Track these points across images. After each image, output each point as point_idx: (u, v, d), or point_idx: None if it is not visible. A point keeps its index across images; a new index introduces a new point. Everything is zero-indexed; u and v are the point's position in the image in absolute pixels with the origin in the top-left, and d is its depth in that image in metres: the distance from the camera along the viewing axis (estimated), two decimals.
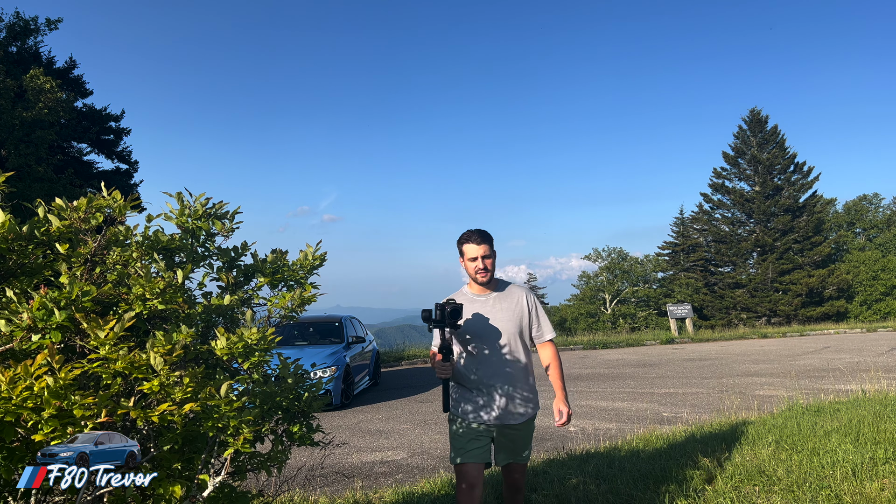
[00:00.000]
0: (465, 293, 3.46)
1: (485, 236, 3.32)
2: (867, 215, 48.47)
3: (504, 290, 3.44)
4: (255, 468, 2.44)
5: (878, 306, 37.70)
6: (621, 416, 8.89)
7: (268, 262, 2.54)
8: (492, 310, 3.36)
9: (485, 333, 3.31)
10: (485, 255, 3.31)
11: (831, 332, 26.62)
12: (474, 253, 3.31)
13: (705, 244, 42.93)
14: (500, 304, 3.37)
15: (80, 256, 2.16)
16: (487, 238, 3.34)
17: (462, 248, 3.37)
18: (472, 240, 3.32)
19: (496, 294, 3.41)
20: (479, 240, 3.30)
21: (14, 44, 25.43)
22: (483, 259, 3.31)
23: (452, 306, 3.10)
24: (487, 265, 3.33)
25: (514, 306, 3.38)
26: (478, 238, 3.31)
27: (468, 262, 3.35)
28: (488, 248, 3.32)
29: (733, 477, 4.90)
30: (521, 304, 3.41)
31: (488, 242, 3.33)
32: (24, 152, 22.25)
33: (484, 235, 3.32)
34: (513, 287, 3.50)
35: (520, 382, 3.34)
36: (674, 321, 26.84)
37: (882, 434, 5.98)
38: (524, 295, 3.45)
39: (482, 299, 3.39)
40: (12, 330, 1.82)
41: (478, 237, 3.31)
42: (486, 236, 3.34)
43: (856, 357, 15.59)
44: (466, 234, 3.35)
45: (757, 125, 40.60)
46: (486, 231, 3.37)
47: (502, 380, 3.29)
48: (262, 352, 2.13)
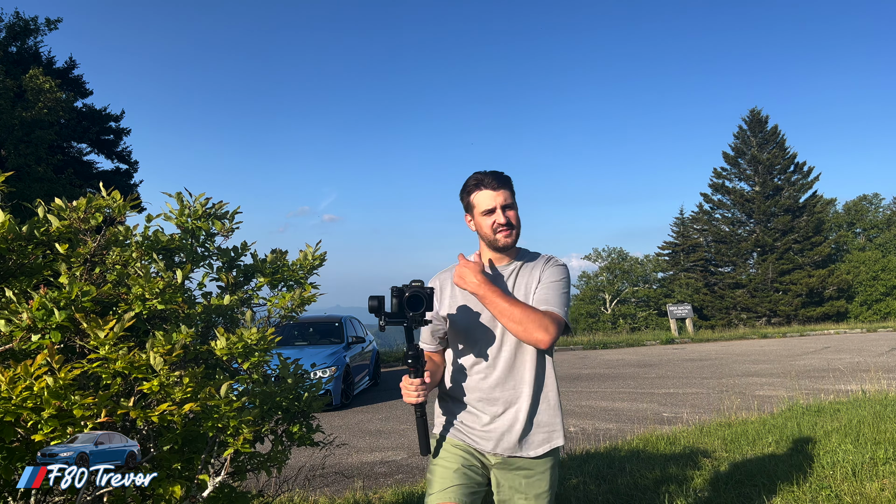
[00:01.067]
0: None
1: (503, 179, 2.32)
2: (867, 215, 48.48)
3: (526, 264, 2.38)
4: (254, 468, 2.44)
5: (879, 306, 37.71)
6: (621, 416, 8.89)
7: (268, 262, 2.54)
8: (514, 284, 2.35)
9: (490, 326, 2.31)
10: (505, 203, 2.29)
11: (831, 333, 26.62)
12: (490, 202, 2.27)
13: (705, 244, 42.94)
14: (517, 283, 2.35)
15: (80, 256, 2.16)
16: (506, 181, 2.33)
17: (472, 198, 2.33)
18: (485, 183, 2.30)
19: (519, 265, 2.36)
20: (496, 183, 2.29)
21: (14, 44, 25.45)
22: (504, 210, 2.28)
23: (414, 291, 2.12)
24: (511, 218, 2.29)
25: (533, 284, 2.34)
26: (493, 181, 2.30)
27: (481, 218, 2.31)
28: (510, 195, 2.31)
29: (733, 477, 4.90)
30: (534, 278, 2.34)
31: (508, 187, 2.32)
32: (23, 152, 22.26)
33: (501, 178, 2.32)
34: (539, 258, 2.41)
35: (537, 398, 2.34)
36: (674, 321, 26.85)
37: (882, 434, 5.98)
38: (545, 264, 2.37)
39: (498, 274, 2.36)
40: (12, 330, 1.82)
41: (493, 180, 2.30)
42: (505, 179, 2.34)
43: (856, 357, 15.58)
44: (477, 177, 2.33)
45: (757, 125, 40.61)
46: (503, 173, 2.36)
47: (513, 392, 2.31)
48: (262, 352, 2.13)
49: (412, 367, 2.14)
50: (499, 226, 2.28)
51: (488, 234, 2.30)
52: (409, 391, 2.17)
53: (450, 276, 2.39)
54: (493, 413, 2.30)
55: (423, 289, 2.15)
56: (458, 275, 2.22)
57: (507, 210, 2.30)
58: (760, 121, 40.59)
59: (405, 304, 2.10)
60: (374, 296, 2.11)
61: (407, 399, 2.18)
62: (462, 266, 2.24)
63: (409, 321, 2.10)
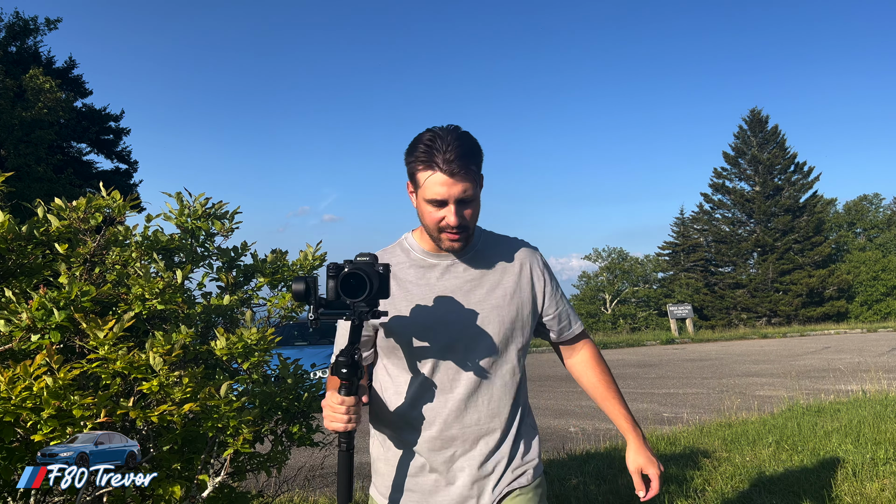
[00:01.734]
0: (411, 251, 1.80)
1: (465, 161, 1.60)
2: (867, 215, 48.48)
3: (488, 249, 1.82)
4: (254, 469, 2.44)
5: (879, 307, 37.69)
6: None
7: (267, 262, 2.53)
8: (463, 285, 1.75)
9: (446, 333, 1.71)
10: (462, 196, 1.63)
11: (832, 333, 26.61)
12: (441, 191, 1.61)
13: (705, 244, 42.93)
14: (481, 275, 1.77)
15: (80, 256, 2.16)
16: (470, 162, 1.62)
17: (418, 174, 1.64)
18: (440, 164, 1.59)
19: (472, 255, 1.79)
20: (456, 168, 1.59)
21: (13, 44, 25.46)
22: (459, 206, 1.64)
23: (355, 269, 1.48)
24: (467, 218, 1.66)
25: (508, 279, 1.78)
26: (453, 165, 1.59)
27: (426, 206, 1.67)
28: (471, 186, 1.63)
29: (734, 477, 4.89)
30: (523, 275, 1.81)
31: (470, 173, 1.62)
32: (23, 152, 22.27)
33: (465, 159, 1.60)
34: (506, 242, 1.87)
35: (512, 427, 1.79)
36: (674, 321, 26.83)
37: (883, 434, 5.97)
38: (529, 259, 1.84)
39: (442, 264, 1.76)
40: (11, 330, 1.82)
41: (453, 163, 1.59)
42: (469, 159, 1.62)
43: (856, 357, 15.58)
44: (430, 148, 1.61)
45: (757, 125, 40.61)
46: (472, 142, 1.65)
47: (478, 430, 1.73)
48: (262, 352, 2.13)
49: (345, 379, 1.52)
50: (448, 228, 1.66)
51: (431, 230, 1.70)
52: (338, 413, 1.56)
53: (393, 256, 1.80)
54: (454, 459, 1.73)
55: (371, 265, 1.51)
56: (656, 487, 1.84)
57: (462, 207, 1.65)
58: (761, 121, 40.58)
59: (339, 289, 1.46)
60: (302, 276, 1.54)
61: (332, 425, 1.56)
62: (654, 477, 1.85)
63: (352, 313, 1.47)
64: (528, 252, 1.88)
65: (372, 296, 1.47)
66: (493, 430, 1.76)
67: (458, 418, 1.73)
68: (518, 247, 1.88)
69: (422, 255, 1.79)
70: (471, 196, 1.66)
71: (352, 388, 1.55)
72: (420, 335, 1.72)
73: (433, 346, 1.72)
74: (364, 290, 1.46)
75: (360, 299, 1.46)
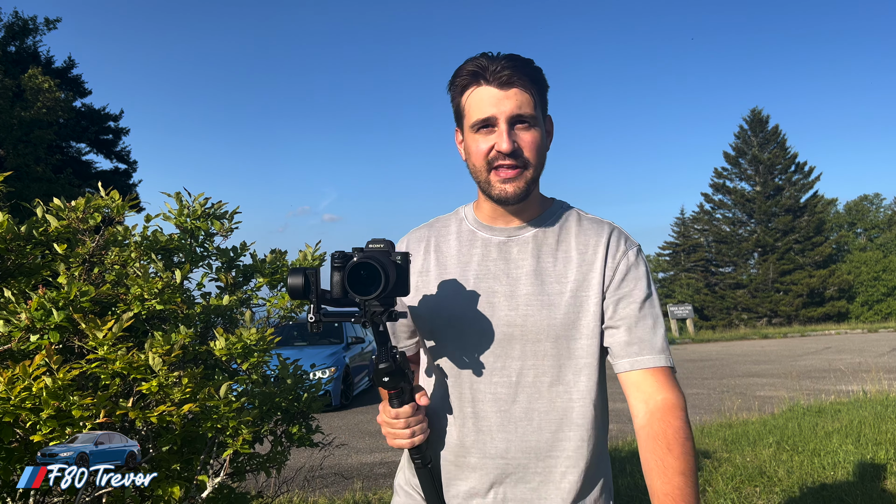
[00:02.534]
0: (464, 220, 1.45)
1: (522, 70, 1.27)
2: (868, 215, 48.47)
3: (561, 227, 1.39)
4: (254, 469, 2.44)
5: (880, 307, 37.69)
6: (622, 416, 8.87)
7: (267, 262, 2.53)
8: (519, 266, 1.35)
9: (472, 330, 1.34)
10: (517, 113, 1.27)
11: (832, 333, 26.61)
12: (488, 110, 1.28)
13: (706, 244, 42.93)
14: (539, 259, 1.35)
15: (79, 256, 2.15)
16: (530, 74, 1.29)
17: (464, 97, 1.32)
18: (489, 73, 1.27)
19: (536, 232, 1.38)
20: (509, 74, 1.26)
21: (13, 43, 25.47)
22: (511, 126, 1.28)
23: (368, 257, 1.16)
24: (525, 146, 1.29)
25: (573, 264, 1.34)
26: (505, 71, 1.26)
27: (472, 138, 1.32)
28: (529, 101, 1.28)
29: (734, 478, 4.89)
30: (593, 259, 1.34)
31: (529, 86, 1.29)
32: (22, 152, 22.28)
33: (521, 69, 1.27)
34: (585, 221, 1.40)
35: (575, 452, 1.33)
36: (675, 322, 26.82)
37: (883, 435, 5.97)
38: (607, 238, 1.36)
39: (494, 240, 1.39)
40: (10, 330, 1.81)
41: (506, 68, 1.26)
42: (526, 71, 1.28)
43: (857, 358, 15.57)
44: (478, 63, 1.29)
45: (758, 125, 40.61)
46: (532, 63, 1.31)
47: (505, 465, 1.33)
48: (262, 352, 2.12)
49: (391, 388, 1.26)
50: (497, 156, 1.28)
51: (478, 171, 1.32)
52: (396, 429, 1.29)
53: (444, 231, 1.44)
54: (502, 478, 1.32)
55: (387, 254, 1.21)
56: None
57: (517, 128, 1.28)
58: (761, 120, 40.58)
59: (347, 283, 1.15)
60: (299, 267, 1.22)
61: (396, 442, 1.30)
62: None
63: (362, 314, 1.18)
64: (612, 234, 1.36)
65: (387, 293, 1.15)
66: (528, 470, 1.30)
67: (477, 444, 1.33)
68: (601, 227, 1.37)
69: (473, 226, 1.41)
70: (530, 116, 1.27)
71: (404, 396, 1.28)
72: (442, 328, 1.36)
73: (451, 345, 1.36)
74: (378, 285, 1.12)
75: (372, 296, 1.13)
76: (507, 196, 1.30)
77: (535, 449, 1.31)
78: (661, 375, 1.30)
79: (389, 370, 1.23)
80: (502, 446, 1.31)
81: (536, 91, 1.30)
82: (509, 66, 1.26)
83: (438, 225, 1.47)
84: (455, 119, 1.38)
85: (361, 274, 1.14)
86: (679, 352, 20.10)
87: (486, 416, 1.32)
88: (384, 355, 1.24)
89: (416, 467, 1.33)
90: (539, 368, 1.31)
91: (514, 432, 1.31)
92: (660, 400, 1.27)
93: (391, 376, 1.24)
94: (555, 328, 1.31)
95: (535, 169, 1.30)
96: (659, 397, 1.28)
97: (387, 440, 1.31)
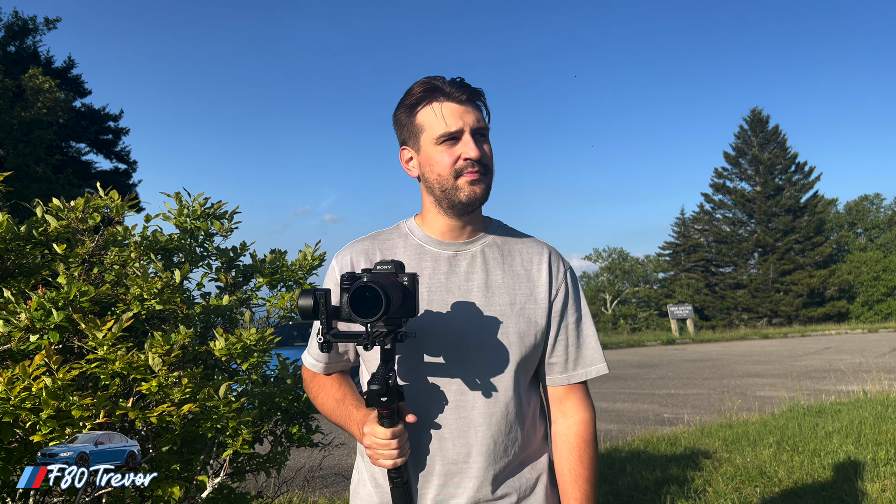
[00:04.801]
0: (410, 235, 1.49)
1: (475, 92, 1.40)
2: (868, 215, 48.45)
3: (502, 242, 1.49)
4: (254, 469, 2.44)
5: (880, 307, 37.68)
6: (622, 417, 8.87)
7: (267, 262, 2.53)
8: (463, 283, 1.43)
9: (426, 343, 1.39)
10: (479, 127, 1.39)
11: (832, 333, 26.60)
12: (454, 122, 1.36)
13: (706, 244, 42.93)
14: (492, 270, 1.44)
15: (78, 256, 2.15)
16: (480, 98, 1.41)
17: (419, 115, 1.40)
18: (446, 92, 1.37)
19: (481, 247, 1.47)
20: (467, 94, 1.38)
21: (13, 43, 25.48)
22: (475, 137, 1.38)
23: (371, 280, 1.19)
24: (486, 154, 1.39)
25: (521, 279, 1.45)
26: (460, 91, 1.37)
27: (434, 150, 1.38)
28: (485, 121, 1.41)
29: (734, 478, 4.89)
30: (537, 276, 1.45)
31: (483, 110, 1.42)
32: (22, 152, 22.28)
33: (474, 90, 1.39)
34: (524, 239, 1.52)
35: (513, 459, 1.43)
36: (675, 322, 26.82)
37: (883, 435, 5.97)
38: (549, 257, 1.48)
39: (443, 255, 1.45)
40: (10, 330, 1.81)
41: (460, 89, 1.37)
42: (478, 93, 1.40)
43: (857, 358, 15.57)
44: (430, 82, 1.39)
45: (758, 125, 40.60)
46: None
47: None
48: (261, 352, 2.12)
49: (386, 408, 1.27)
50: (465, 164, 1.35)
51: (444, 179, 1.37)
52: (387, 450, 1.29)
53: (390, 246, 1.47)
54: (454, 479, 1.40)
55: (394, 274, 1.26)
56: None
57: (480, 139, 1.38)
58: (761, 120, 40.57)
59: (350, 305, 1.19)
60: (310, 288, 1.26)
61: (382, 462, 1.30)
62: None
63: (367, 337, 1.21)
64: (552, 255, 1.49)
65: (389, 315, 1.18)
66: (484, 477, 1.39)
67: (440, 451, 1.39)
68: (541, 247, 1.50)
69: (421, 241, 1.46)
70: (487, 130, 1.41)
71: (394, 417, 1.28)
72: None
73: (407, 357, 1.40)
74: (378, 309, 1.15)
75: (373, 319, 1.16)
76: (476, 196, 1.38)
77: (494, 451, 1.40)
78: (581, 392, 1.50)
79: (383, 391, 1.24)
80: (463, 451, 1.39)
81: (485, 112, 1.43)
82: (465, 86, 1.38)
83: (382, 237, 1.51)
84: (403, 138, 1.45)
85: (366, 297, 1.17)
86: (679, 352, 20.10)
87: (445, 423, 1.39)
88: (381, 377, 1.24)
89: (393, 486, 1.34)
90: (492, 376, 1.40)
91: (473, 437, 1.39)
92: (577, 416, 1.47)
93: (388, 396, 1.25)
94: (506, 337, 1.40)
95: (490, 181, 1.41)
96: (577, 414, 1.47)
97: (371, 460, 1.33)
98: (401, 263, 1.30)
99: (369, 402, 1.26)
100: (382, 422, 1.28)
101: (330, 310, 1.23)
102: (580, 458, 1.44)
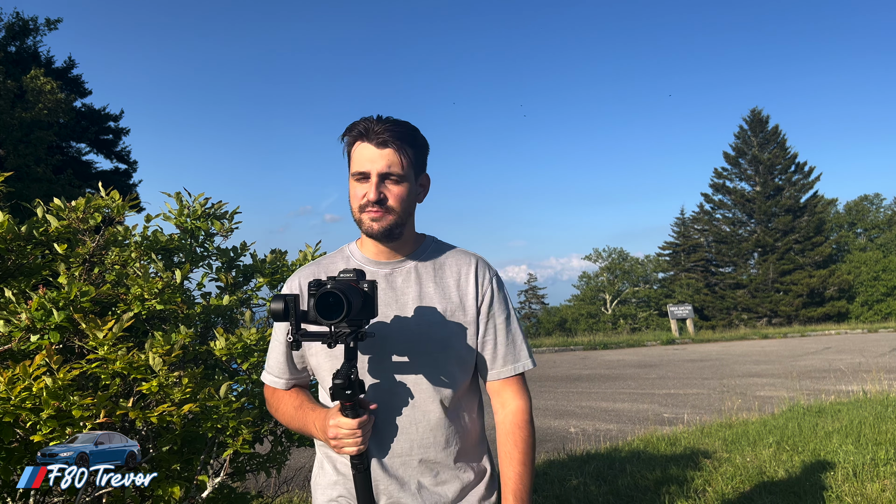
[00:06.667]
0: (351, 257, 1.68)
1: (400, 133, 1.54)
2: (868, 215, 48.45)
3: (433, 259, 1.67)
4: (254, 469, 2.44)
5: (880, 307, 37.67)
6: (622, 417, 8.87)
7: (267, 262, 2.53)
8: (400, 297, 1.61)
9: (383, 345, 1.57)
10: (387, 171, 1.53)
11: (832, 333, 26.60)
12: (364, 164, 1.53)
13: (706, 244, 42.94)
14: (425, 283, 1.63)
15: (79, 257, 2.15)
16: (405, 138, 1.55)
17: (349, 150, 1.59)
18: (370, 135, 1.53)
19: (416, 263, 1.65)
20: (387, 137, 1.52)
21: (13, 44, 25.48)
22: (382, 181, 1.53)
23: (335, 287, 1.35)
24: (389, 196, 1.54)
25: (451, 289, 1.63)
26: (384, 133, 1.52)
27: (352, 186, 1.58)
28: (399, 162, 1.53)
29: (734, 478, 4.89)
30: (465, 285, 1.64)
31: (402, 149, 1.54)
32: (23, 153, 22.29)
33: (399, 132, 1.54)
34: (453, 253, 1.70)
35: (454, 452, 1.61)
36: (674, 322, 26.82)
37: (883, 435, 5.97)
38: (475, 267, 1.67)
39: (381, 273, 1.63)
40: (11, 330, 1.82)
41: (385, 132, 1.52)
42: (405, 134, 1.55)
43: (857, 358, 15.57)
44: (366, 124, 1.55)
45: (758, 125, 40.60)
46: (412, 129, 1.59)
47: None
48: (262, 352, 2.12)
49: (350, 400, 1.42)
50: (367, 203, 1.53)
51: (354, 212, 1.58)
52: (352, 438, 1.45)
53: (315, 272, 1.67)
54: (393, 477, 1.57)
55: (355, 281, 1.43)
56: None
57: (386, 182, 1.53)
58: (761, 120, 40.57)
59: (316, 309, 1.36)
60: (282, 294, 1.38)
61: (347, 450, 1.46)
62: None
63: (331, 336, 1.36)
64: (472, 258, 1.68)
65: (351, 317, 1.34)
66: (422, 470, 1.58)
67: (379, 449, 1.56)
68: (465, 256, 1.68)
69: (360, 262, 1.66)
70: (399, 174, 1.54)
71: (357, 408, 1.45)
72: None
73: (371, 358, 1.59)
74: (340, 312, 1.32)
75: (337, 320, 1.33)
76: (374, 232, 1.57)
77: (433, 445, 1.58)
78: (515, 384, 1.66)
79: (346, 385, 1.40)
80: (406, 445, 1.57)
81: (411, 152, 1.56)
82: (388, 129, 1.53)
83: (325, 262, 1.71)
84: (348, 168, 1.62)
85: (330, 301, 1.34)
86: (679, 352, 20.11)
87: (389, 422, 1.57)
88: (344, 372, 1.40)
89: (356, 472, 1.50)
90: (432, 378, 1.58)
91: (415, 433, 1.57)
92: (513, 405, 1.65)
93: (352, 389, 1.41)
94: (443, 342, 1.59)
95: (398, 216, 1.57)
96: (513, 404, 1.65)
97: (335, 449, 1.50)
98: (362, 271, 1.47)
99: (335, 396, 1.42)
100: (346, 413, 1.44)
101: (299, 313, 1.37)
102: (514, 441, 1.61)
